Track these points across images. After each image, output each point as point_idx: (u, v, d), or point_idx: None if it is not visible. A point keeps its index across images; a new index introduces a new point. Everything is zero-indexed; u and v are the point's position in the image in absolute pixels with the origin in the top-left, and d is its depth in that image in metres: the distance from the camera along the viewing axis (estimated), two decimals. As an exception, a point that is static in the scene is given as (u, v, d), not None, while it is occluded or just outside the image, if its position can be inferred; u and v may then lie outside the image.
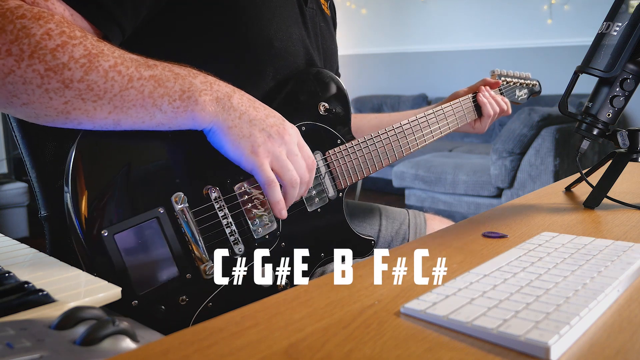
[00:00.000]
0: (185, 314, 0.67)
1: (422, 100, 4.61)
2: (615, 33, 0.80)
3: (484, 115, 1.11)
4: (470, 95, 1.11)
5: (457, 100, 1.07)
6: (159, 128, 0.64)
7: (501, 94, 1.18)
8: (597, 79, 0.85)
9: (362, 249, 0.86)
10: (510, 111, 1.16)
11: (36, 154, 0.79)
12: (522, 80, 1.25)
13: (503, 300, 0.45)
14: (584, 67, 0.83)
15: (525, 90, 1.27)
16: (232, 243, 0.71)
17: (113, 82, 0.59)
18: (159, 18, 0.72)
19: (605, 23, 0.82)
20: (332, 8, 1.04)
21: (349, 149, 0.85)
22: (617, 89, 0.83)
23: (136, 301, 0.63)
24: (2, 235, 0.70)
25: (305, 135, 0.81)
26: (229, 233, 0.71)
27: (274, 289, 0.75)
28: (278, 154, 0.68)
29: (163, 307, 0.65)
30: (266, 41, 0.78)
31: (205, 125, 0.66)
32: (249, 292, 0.72)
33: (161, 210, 0.66)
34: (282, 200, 0.69)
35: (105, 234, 0.63)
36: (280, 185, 0.69)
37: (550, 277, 0.51)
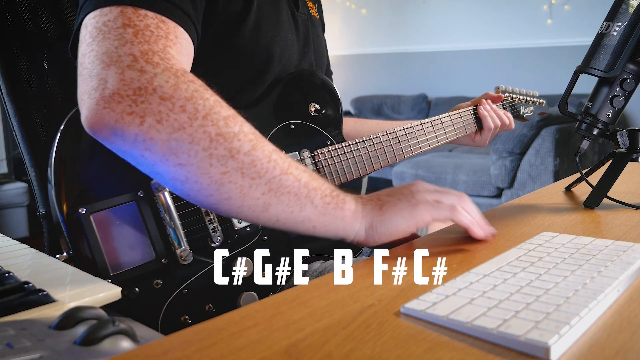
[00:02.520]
0: (159, 297, 0.68)
1: (422, 100, 4.61)
2: (615, 33, 0.80)
3: (484, 129, 1.11)
4: (471, 108, 1.11)
5: (456, 112, 1.08)
6: (303, 225, 0.61)
7: (504, 109, 1.17)
8: (597, 79, 0.85)
9: (351, 249, 0.86)
10: (512, 126, 1.16)
11: (36, 152, 0.79)
12: (528, 98, 1.24)
13: (503, 300, 0.45)
14: (584, 67, 0.83)
15: (532, 108, 1.27)
16: (210, 231, 0.72)
17: (275, 164, 0.58)
18: None
19: (605, 23, 0.82)
20: (320, 11, 1.05)
21: (338, 150, 0.86)
22: (617, 89, 0.83)
23: (109, 280, 0.64)
24: (2, 235, 0.70)
25: (294, 134, 0.83)
26: (207, 221, 0.72)
27: (252, 279, 0.75)
28: (428, 195, 0.66)
29: (137, 289, 0.66)
30: (265, 48, 0.79)
31: (356, 225, 0.63)
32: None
33: (141, 194, 0.68)
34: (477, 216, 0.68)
35: (83, 212, 0.64)
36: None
37: (550, 277, 0.51)
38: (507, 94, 1.19)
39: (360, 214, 0.63)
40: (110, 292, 0.50)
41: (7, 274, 0.51)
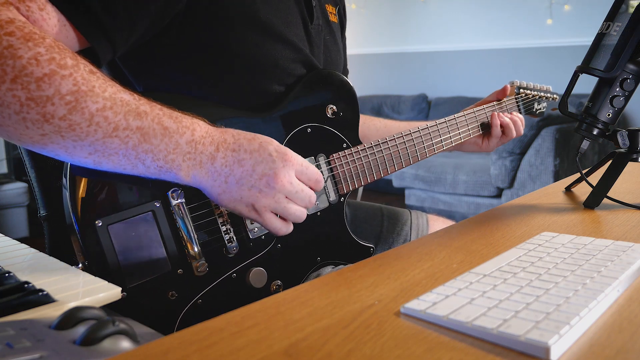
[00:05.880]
0: (173, 309, 0.68)
1: (422, 100, 4.61)
2: (615, 33, 0.80)
3: (493, 136, 1.06)
4: (485, 106, 1.07)
5: (470, 110, 1.04)
6: (141, 176, 0.62)
7: (517, 105, 1.13)
8: (597, 79, 0.85)
9: (360, 256, 0.85)
10: (522, 132, 1.11)
11: (35, 154, 0.79)
12: (542, 93, 1.20)
13: (503, 300, 0.45)
14: (584, 67, 0.83)
15: (545, 104, 1.23)
16: (226, 241, 0.71)
17: (97, 127, 0.56)
18: (166, 40, 0.71)
19: (605, 23, 0.82)
20: (341, 13, 1.02)
21: (354, 154, 0.84)
22: (617, 89, 0.83)
23: (125, 293, 0.64)
24: (2, 235, 0.70)
25: (311, 138, 0.81)
26: (224, 231, 0.71)
27: (266, 290, 0.75)
28: (274, 204, 0.67)
29: (152, 300, 0.66)
30: (271, 62, 0.77)
31: (191, 185, 0.65)
32: (240, 292, 0.72)
33: (157, 204, 0.67)
34: (291, 229, 0.71)
35: (99, 224, 0.63)
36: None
37: (550, 277, 0.51)
38: (521, 90, 1.15)
39: (194, 182, 0.64)
40: (110, 292, 0.50)
41: (7, 274, 0.51)
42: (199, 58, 0.73)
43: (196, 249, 0.68)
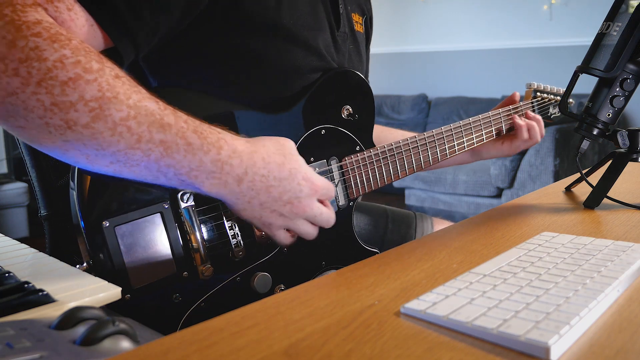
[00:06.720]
0: (177, 311, 0.67)
1: (422, 101, 4.61)
2: (615, 33, 0.80)
3: (518, 138, 1.02)
4: (500, 110, 1.03)
5: (486, 114, 1.01)
6: (164, 185, 0.61)
7: (533, 109, 1.10)
8: (597, 79, 0.85)
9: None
10: (543, 134, 1.07)
11: (36, 153, 0.79)
12: (559, 97, 1.16)
13: (503, 300, 0.45)
14: (584, 67, 0.83)
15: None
16: (233, 245, 0.71)
17: (120, 137, 0.55)
18: (184, 41, 0.72)
19: (605, 23, 0.82)
20: (368, 23, 1.01)
21: (367, 158, 0.83)
22: (617, 89, 0.83)
23: (129, 295, 0.64)
24: (2, 235, 0.70)
25: (324, 140, 0.80)
26: (231, 235, 0.71)
27: (270, 294, 0.74)
28: (290, 225, 0.68)
29: (156, 303, 0.66)
30: (292, 68, 0.77)
31: (212, 196, 0.64)
32: (244, 295, 0.72)
33: (166, 206, 0.67)
34: (292, 240, 0.72)
35: (107, 225, 0.63)
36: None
37: (550, 277, 0.51)
38: (538, 93, 1.12)
39: (219, 197, 0.64)
40: (110, 292, 0.50)
41: (7, 274, 0.51)
42: (217, 59, 0.73)
43: (203, 252, 0.68)
